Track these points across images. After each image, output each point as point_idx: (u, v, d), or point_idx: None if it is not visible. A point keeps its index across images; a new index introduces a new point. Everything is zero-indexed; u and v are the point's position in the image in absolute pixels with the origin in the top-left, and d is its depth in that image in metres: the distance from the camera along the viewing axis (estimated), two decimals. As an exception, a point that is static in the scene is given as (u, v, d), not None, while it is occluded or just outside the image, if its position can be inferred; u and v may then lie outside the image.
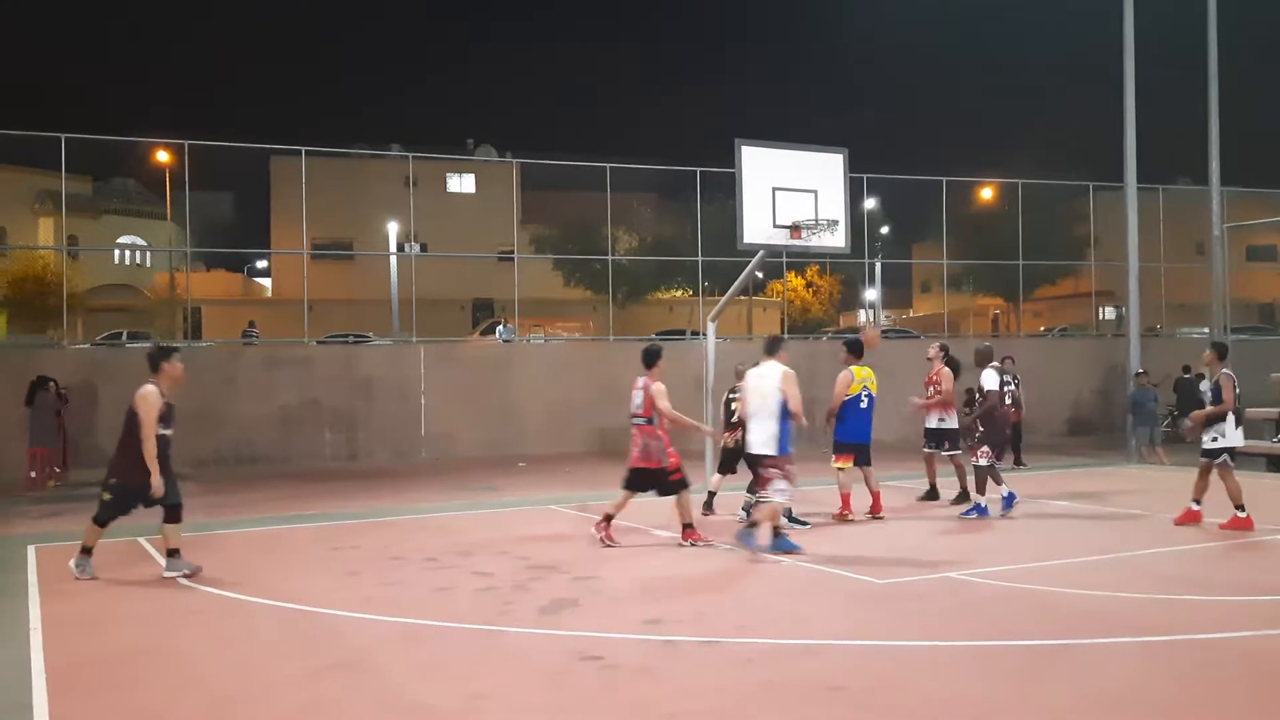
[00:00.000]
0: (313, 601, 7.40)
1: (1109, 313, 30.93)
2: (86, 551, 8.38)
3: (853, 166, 13.14)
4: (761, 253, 12.61)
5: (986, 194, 30.93)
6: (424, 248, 36.49)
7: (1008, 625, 6.52)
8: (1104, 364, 23.52)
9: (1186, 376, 20.62)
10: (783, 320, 36.03)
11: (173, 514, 8.28)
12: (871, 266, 30.53)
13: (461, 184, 45.86)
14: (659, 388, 9.44)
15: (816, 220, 12.01)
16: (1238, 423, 10.45)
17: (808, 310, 40.45)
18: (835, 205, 12.37)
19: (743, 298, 32.64)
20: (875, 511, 10.93)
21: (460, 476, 16.61)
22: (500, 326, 28.21)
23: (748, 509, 10.29)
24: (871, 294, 33.04)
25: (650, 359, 9.61)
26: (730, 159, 12.16)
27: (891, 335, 29.02)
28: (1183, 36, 20.11)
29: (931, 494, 12.39)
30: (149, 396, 8.08)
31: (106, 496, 8.21)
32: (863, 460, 10.98)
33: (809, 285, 41.57)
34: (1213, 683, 5.33)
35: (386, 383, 20.00)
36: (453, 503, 13.40)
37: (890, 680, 5.41)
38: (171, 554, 8.34)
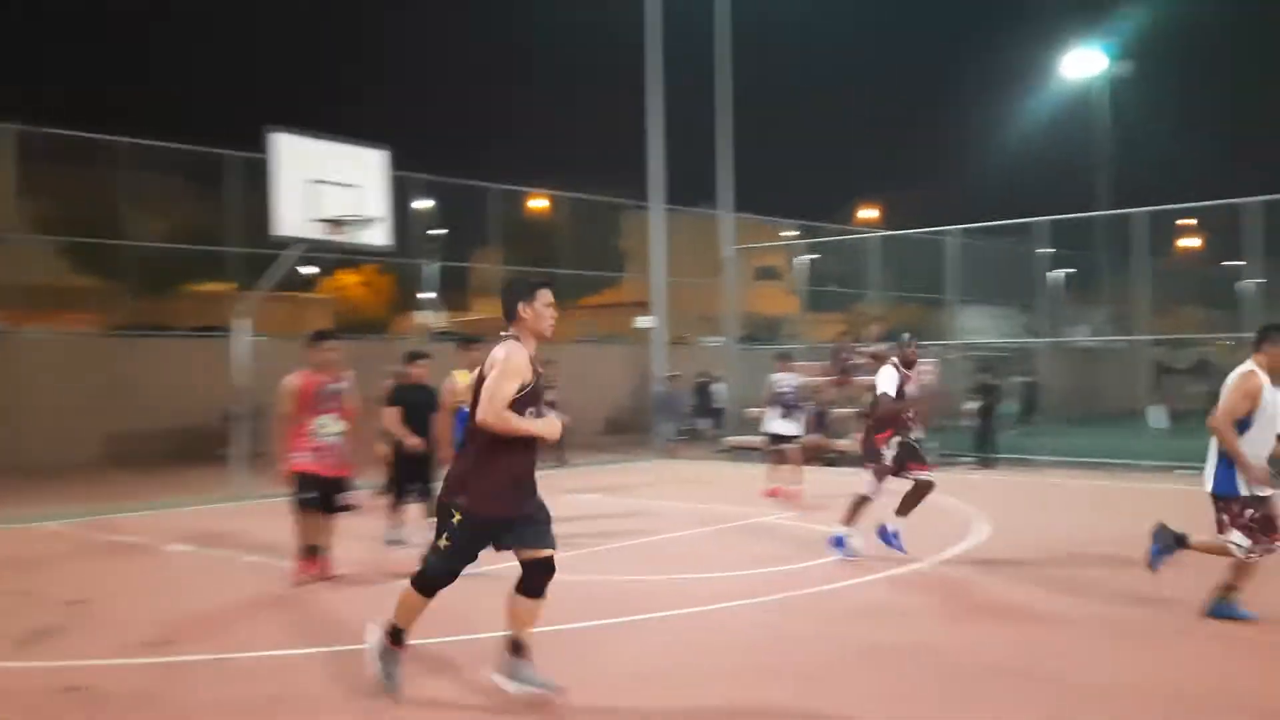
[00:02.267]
0: None
1: (643, 321, 33.66)
2: None
3: (413, 167, 13.11)
4: (298, 245, 12.16)
5: (542, 204, 32.35)
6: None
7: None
8: (639, 368, 25.60)
9: (702, 380, 23.07)
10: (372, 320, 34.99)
11: None
12: (427, 267, 30.61)
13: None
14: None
15: (357, 216, 11.79)
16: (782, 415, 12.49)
17: (363, 308, 39.69)
18: (377, 202, 12.24)
19: (291, 293, 31.09)
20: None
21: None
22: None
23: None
24: (427, 295, 33.10)
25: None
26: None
27: (451, 339, 29.26)
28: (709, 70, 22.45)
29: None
30: None
31: None
32: None
33: (366, 284, 40.80)
34: (704, 650, 5.96)
35: None
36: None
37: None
38: None
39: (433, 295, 26.09)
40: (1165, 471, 16.25)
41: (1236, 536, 6.23)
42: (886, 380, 8.54)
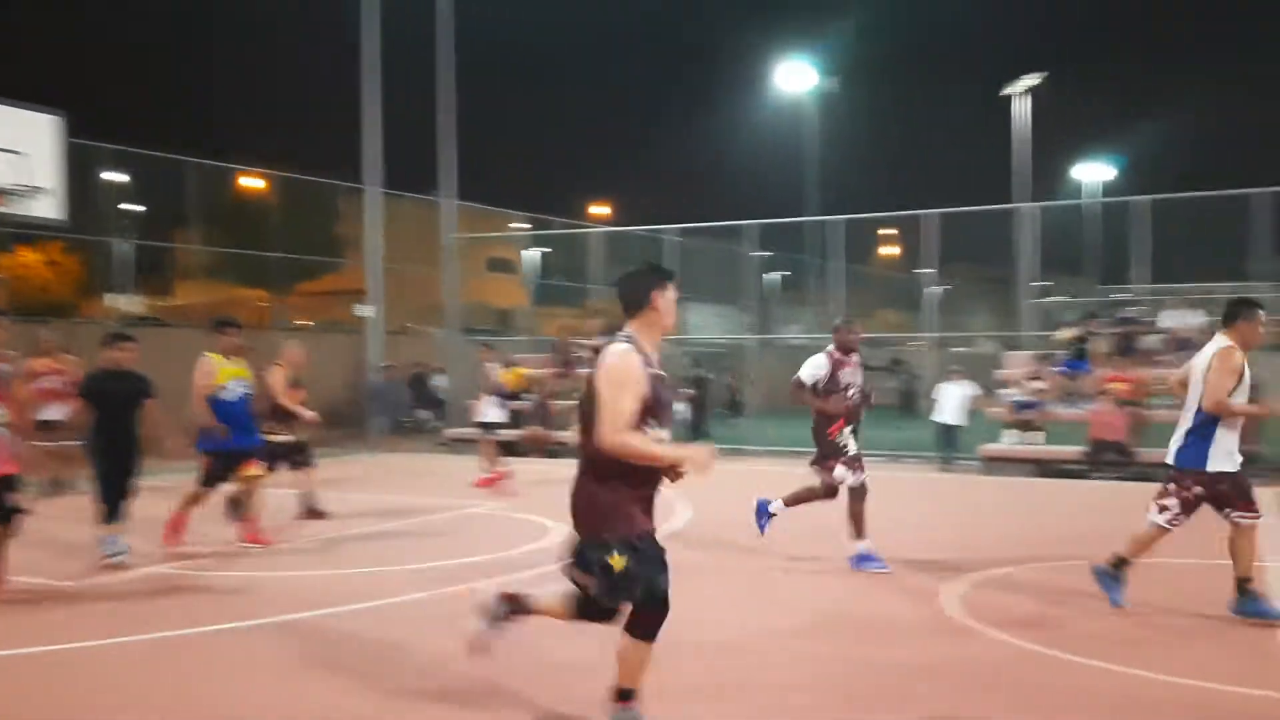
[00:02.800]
0: None
1: (361, 310, 32.46)
2: None
3: (104, 137, 11.86)
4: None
5: (254, 184, 30.42)
6: None
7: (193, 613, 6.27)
8: (359, 358, 24.64)
9: (419, 371, 22.60)
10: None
11: None
12: (119, 247, 28.03)
13: None
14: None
15: (19, 185, 10.51)
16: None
17: (47, 289, 35.81)
18: (47, 171, 10.97)
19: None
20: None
21: None
22: None
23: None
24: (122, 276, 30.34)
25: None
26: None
27: (149, 324, 26.95)
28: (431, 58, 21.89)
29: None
30: None
31: None
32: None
33: (50, 263, 36.83)
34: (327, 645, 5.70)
35: None
36: None
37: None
38: None
39: (127, 277, 23.88)
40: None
41: (1162, 508, 6.41)
42: (811, 367, 7.96)
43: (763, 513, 8.31)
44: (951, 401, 16.02)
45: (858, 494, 7.91)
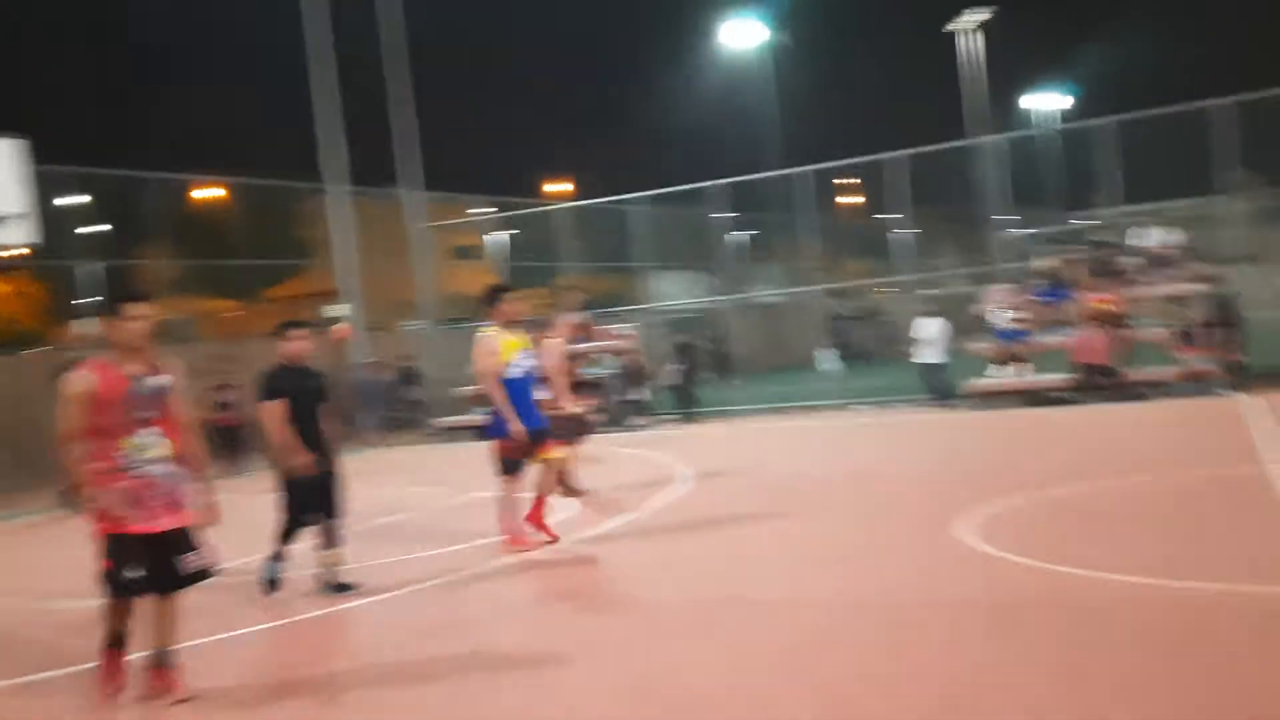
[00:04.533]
0: None
1: (331, 310, 32.31)
2: None
3: (61, 159, 11.71)
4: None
5: (213, 193, 30.01)
6: None
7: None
8: (337, 358, 24.45)
9: (405, 365, 22.48)
10: None
11: None
12: (84, 269, 27.65)
13: None
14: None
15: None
16: None
17: (16, 320, 35.27)
18: (13, 197, 10.77)
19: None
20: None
21: None
22: None
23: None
24: (88, 300, 29.94)
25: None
26: None
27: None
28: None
29: None
30: None
31: None
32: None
33: (19, 294, 36.23)
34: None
35: None
36: None
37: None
38: None
39: (96, 300, 23.53)
40: (840, 409, 17.68)
41: None
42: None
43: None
44: (930, 339, 16.11)
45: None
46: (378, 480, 13.08)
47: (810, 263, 22.06)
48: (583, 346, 16.55)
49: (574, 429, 9.25)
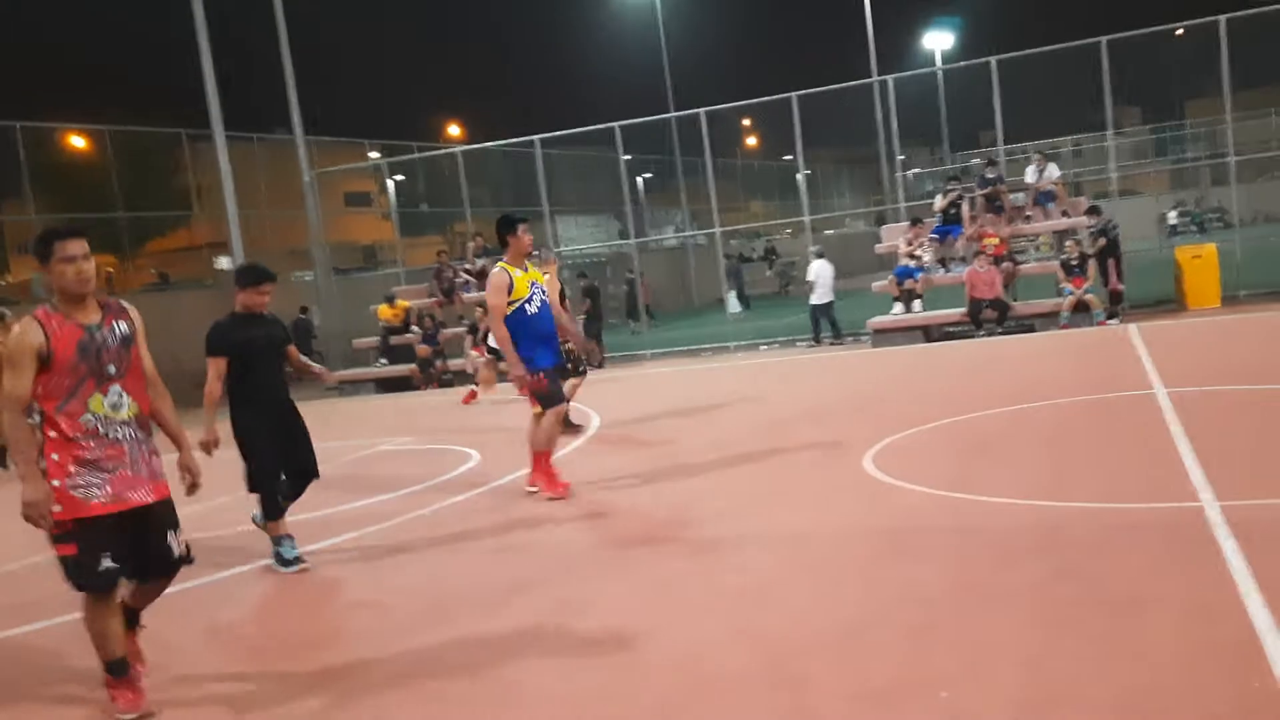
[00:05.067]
0: None
1: (224, 262, 31.15)
2: None
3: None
4: None
5: (80, 143, 28.41)
6: None
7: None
8: (221, 313, 23.60)
9: (303, 316, 21.85)
10: None
11: None
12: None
13: None
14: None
15: None
16: None
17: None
18: None
19: None
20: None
21: None
22: None
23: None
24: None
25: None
26: None
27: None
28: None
29: None
30: None
31: None
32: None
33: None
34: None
35: None
36: None
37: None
38: None
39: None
40: (751, 349, 17.91)
41: None
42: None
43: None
44: (821, 280, 16.70)
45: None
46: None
47: (711, 205, 22.02)
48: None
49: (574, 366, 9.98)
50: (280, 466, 6.08)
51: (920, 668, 3.67)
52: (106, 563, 3.91)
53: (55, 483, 3.85)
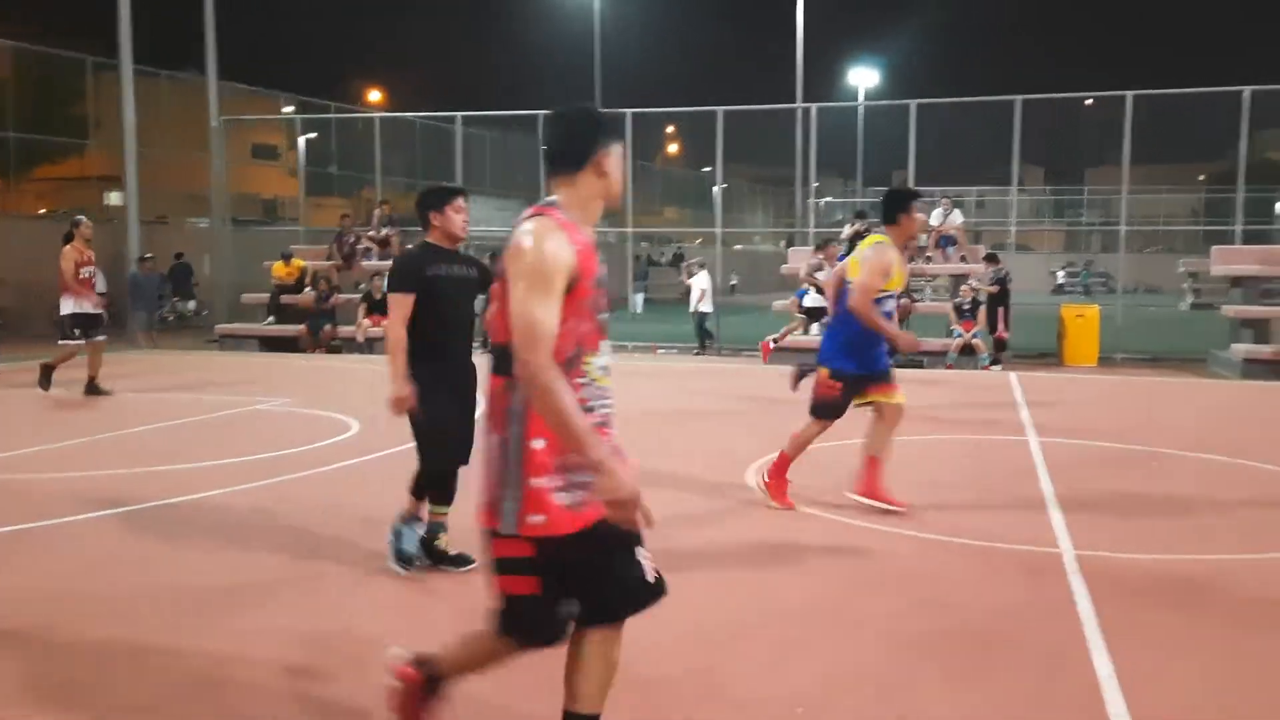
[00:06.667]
0: None
1: (115, 198, 29.87)
2: None
3: None
4: None
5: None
6: None
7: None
8: (111, 249, 22.62)
9: (179, 262, 21.13)
10: None
11: None
12: None
13: None
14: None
15: None
16: None
17: None
18: None
19: None
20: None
21: None
22: None
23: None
24: None
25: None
26: None
27: None
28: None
29: None
30: None
31: None
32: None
33: None
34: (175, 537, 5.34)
35: None
36: None
37: None
38: None
39: None
40: (647, 351, 17.99)
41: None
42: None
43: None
44: (700, 292, 17.59)
45: None
46: (137, 384, 12.26)
47: (624, 205, 22.00)
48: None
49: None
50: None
51: (778, 685, 3.73)
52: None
53: None
